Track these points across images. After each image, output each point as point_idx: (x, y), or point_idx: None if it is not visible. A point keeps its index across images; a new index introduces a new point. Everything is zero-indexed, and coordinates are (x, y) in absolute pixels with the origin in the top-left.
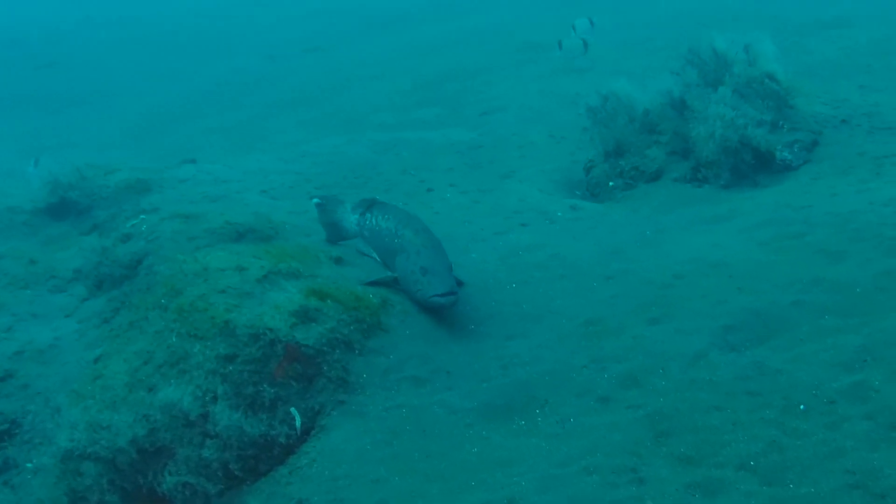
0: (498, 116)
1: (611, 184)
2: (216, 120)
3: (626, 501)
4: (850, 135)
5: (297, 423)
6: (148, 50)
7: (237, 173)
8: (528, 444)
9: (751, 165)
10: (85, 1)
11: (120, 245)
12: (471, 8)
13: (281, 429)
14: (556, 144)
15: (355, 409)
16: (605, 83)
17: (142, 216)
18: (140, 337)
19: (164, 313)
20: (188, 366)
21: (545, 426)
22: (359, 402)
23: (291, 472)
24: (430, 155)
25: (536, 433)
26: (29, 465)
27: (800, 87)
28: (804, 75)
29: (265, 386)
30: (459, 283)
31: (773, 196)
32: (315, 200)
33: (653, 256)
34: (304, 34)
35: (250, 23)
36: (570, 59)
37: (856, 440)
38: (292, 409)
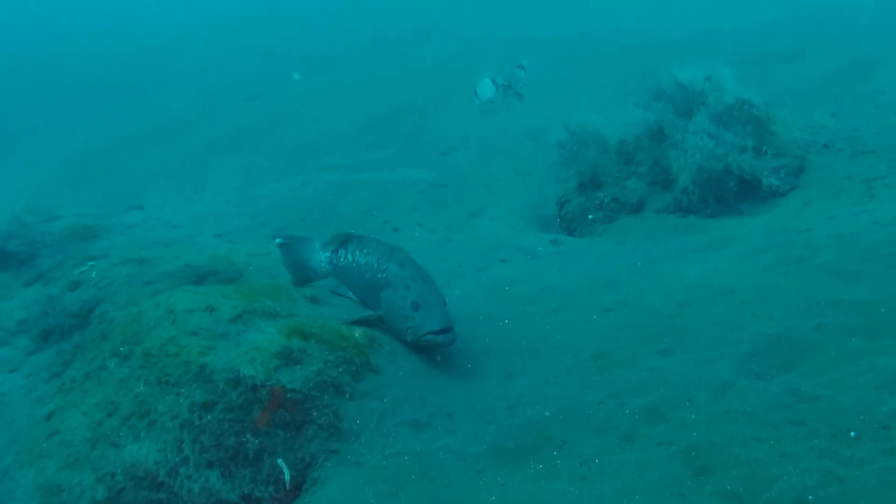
0: (458, 155)
1: (590, 217)
2: (157, 163)
3: None
4: (834, 159)
5: (286, 476)
6: (76, 91)
7: (188, 218)
8: (553, 490)
9: (736, 193)
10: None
11: (68, 293)
12: (408, 48)
13: (266, 490)
14: (523, 181)
15: (351, 459)
16: (568, 117)
17: (90, 263)
18: (99, 388)
19: (126, 360)
20: (159, 416)
21: (567, 469)
22: (354, 451)
23: None
24: (390, 195)
25: (558, 477)
26: None
27: (776, 114)
28: (772, 105)
29: (248, 436)
30: None
31: (766, 222)
32: (278, 241)
33: (650, 286)
34: (241, 76)
35: (183, 64)
36: (485, 107)
37: None
38: (280, 461)
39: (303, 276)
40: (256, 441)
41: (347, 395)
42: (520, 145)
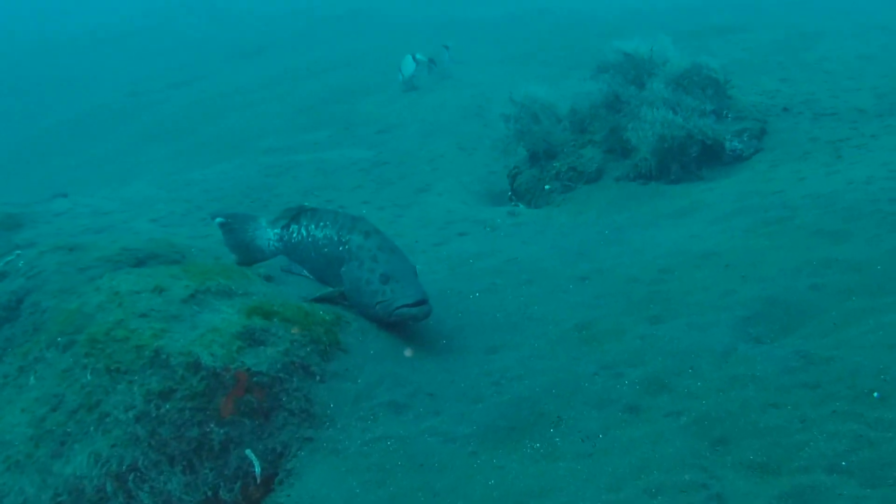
0: (397, 133)
1: (547, 187)
2: (84, 155)
3: None
4: (796, 122)
5: (256, 468)
6: None
7: (118, 204)
8: (557, 469)
9: (697, 159)
10: None
11: None
12: (337, 35)
13: (234, 485)
14: (469, 156)
15: (328, 447)
16: (514, 90)
17: (17, 252)
18: (38, 382)
19: (68, 350)
20: (111, 408)
21: (568, 446)
22: (331, 438)
23: None
24: (330, 175)
25: (560, 456)
26: None
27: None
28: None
29: (212, 426)
30: None
31: (734, 186)
32: (219, 220)
33: (625, 254)
34: (166, 68)
35: (108, 58)
36: (410, 83)
37: None
38: (248, 452)
39: (248, 256)
40: (222, 431)
41: (318, 377)
42: (461, 122)
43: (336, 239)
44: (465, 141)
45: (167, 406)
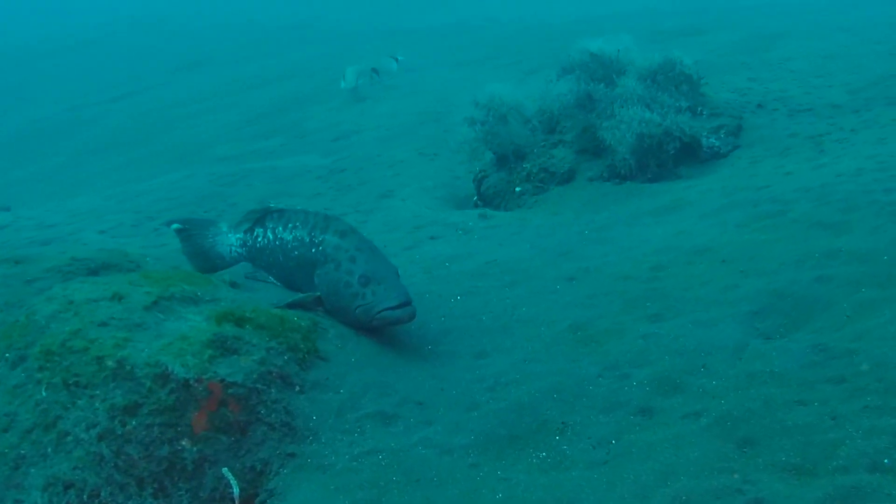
0: (353, 140)
1: (518, 189)
2: (25, 169)
3: None
4: (772, 119)
5: (235, 489)
6: None
7: (64, 216)
8: (570, 479)
9: (676, 156)
10: None
11: None
12: (284, 45)
13: None
14: (430, 162)
15: (313, 463)
16: (477, 92)
17: None
18: None
19: (19, 365)
20: (71, 427)
21: (578, 454)
22: (315, 453)
23: None
24: (287, 182)
25: (572, 464)
26: None
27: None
28: None
29: (185, 443)
30: None
31: (716, 182)
32: (175, 226)
33: (612, 252)
34: (108, 82)
35: (47, 72)
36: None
37: None
38: (225, 471)
39: (208, 264)
40: (195, 449)
41: (297, 388)
42: (419, 127)
43: (308, 240)
44: (426, 146)
45: (133, 422)
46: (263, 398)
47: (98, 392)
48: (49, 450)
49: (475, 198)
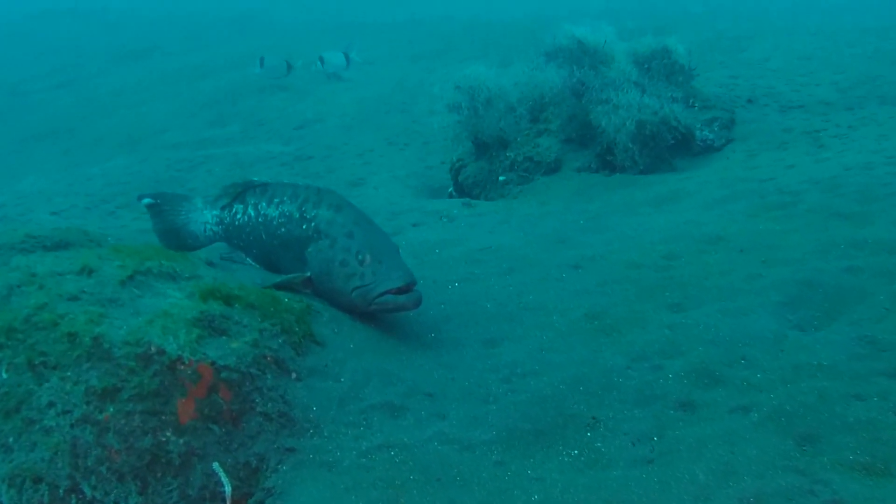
0: (315, 128)
1: (501, 178)
2: None
3: None
4: (763, 113)
5: (227, 488)
6: None
7: (10, 197)
8: (612, 479)
9: (671, 148)
10: None
11: None
12: (227, 38)
13: None
14: (400, 151)
15: (316, 459)
16: (457, 76)
17: None
18: None
19: None
20: (38, 413)
21: (616, 452)
22: (318, 448)
23: None
24: (249, 168)
25: (610, 463)
26: None
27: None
28: None
29: (169, 434)
30: None
31: (713, 174)
32: (146, 201)
33: (614, 240)
34: (51, 68)
35: None
36: (273, 77)
37: None
38: (215, 466)
39: (179, 243)
40: (181, 441)
41: (293, 374)
42: (385, 117)
43: (297, 216)
44: (394, 136)
45: (111, 409)
46: (258, 385)
47: (70, 374)
48: (11, 440)
49: (451, 188)
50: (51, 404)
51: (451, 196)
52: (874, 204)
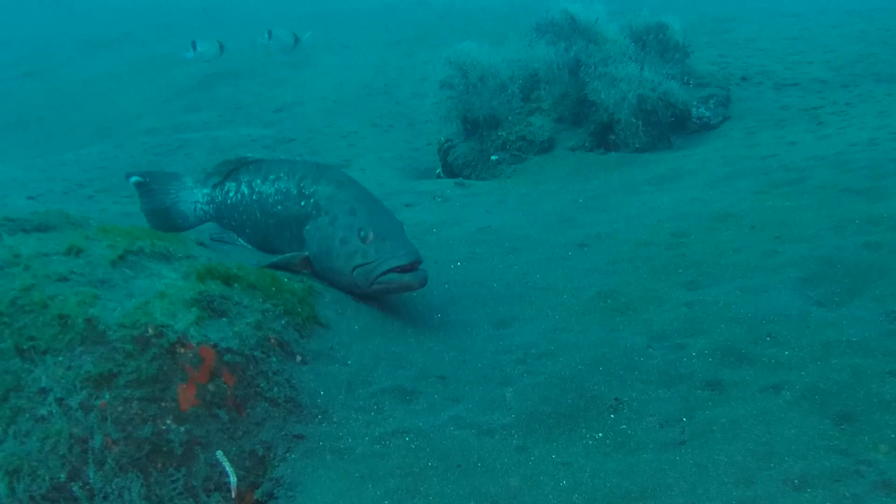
0: (296, 111)
1: (494, 158)
2: None
3: None
4: (758, 91)
5: (232, 479)
6: None
7: None
8: (644, 463)
9: (669, 125)
10: None
11: None
12: (197, 27)
13: (207, 501)
14: (385, 133)
15: (327, 446)
16: (450, 51)
17: None
18: None
19: None
20: (28, 402)
21: (643, 434)
22: (328, 435)
23: None
24: (229, 152)
25: (639, 446)
26: None
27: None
28: None
29: (170, 422)
30: None
31: (713, 152)
32: (134, 179)
33: (618, 219)
34: (17, 56)
35: None
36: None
37: None
38: (219, 455)
39: (168, 223)
40: (182, 429)
41: (298, 358)
42: (367, 99)
43: (295, 193)
44: (378, 118)
45: (108, 396)
46: (263, 368)
47: (62, 359)
48: (1, 432)
49: (438, 169)
50: (42, 391)
51: (438, 177)
52: (885, 180)
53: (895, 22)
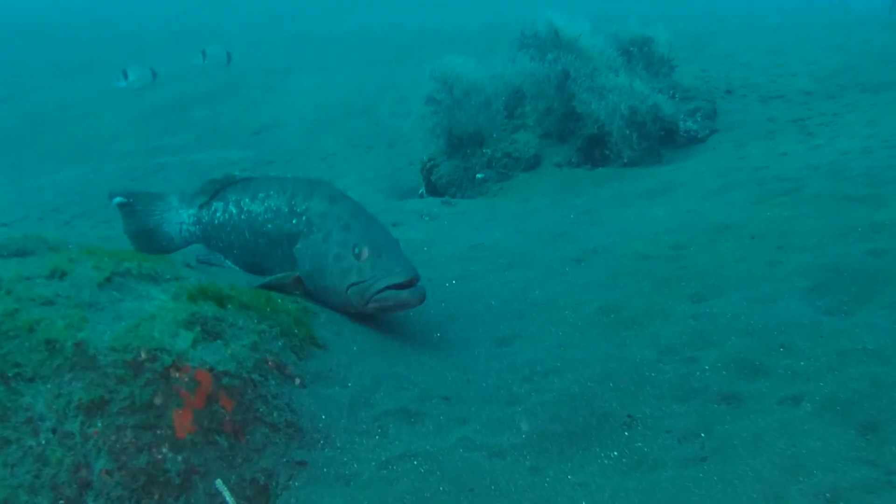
0: (275, 132)
1: (479, 176)
2: None
3: None
4: (744, 104)
5: None
6: None
7: None
8: (665, 481)
9: (658, 139)
10: None
11: None
12: (167, 52)
13: None
14: (365, 154)
15: (331, 473)
16: (434, 66)
17: None
18: None
19: None
20: (14, 432)
21: (661, 451)
22: (331, 461)
23: None
24: (207, 175)
25: (658, 463)
26: None
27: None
28: None
29: (166, 450)
30: None
31: (703, 165)
32: (117, 200)
33: (614, 233)
34: None
35: None
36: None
37: None
38: (218, 484)
39: (153, 245)
40: (179, 458)
41: (297, 381)
42: (347, 120)
43: (286, 210)
44: (358, 139)
45: (99, 424)
46: (261, 392)
47: (50, 386)
48: None
49: (421, 189)
50: (29, 421)
51: (422, 196)
52: (884, 187)
53: (873, 35)
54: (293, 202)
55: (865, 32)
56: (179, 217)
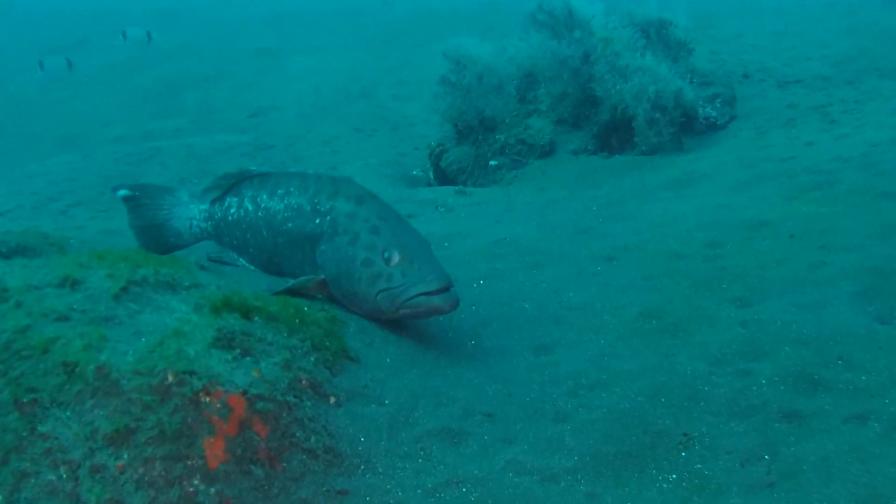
0: (273, 116)
1: (493, 163)
2: None
3: None
4: (762, 89)
5: None
6: None
7: None
8: None
9: (682, 125)
10: None
11: None
12: (156, 31)
13: None
14: (368, 138)
15: (375, 502)
16: (447, 47)
17: None
18: None
19: None
20: (32, 465)
21: (723, 474)
22: (374, 488)
23: None
24: (207, 160)
25: (721, 488)
26: None
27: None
28: None
29: (197, 482)
30: None
31: (726, 154)
32: (122, 192)
33: (643, 230)
34: None
35: None
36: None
37: None
38: None
39: (160, 242)
40: (213, 490)
41: (332, 400)
42: (347, 103)
43: (309, 209)
44: (359, 123)
45: (126, 456)
46: (297, 415)
47: (70, 413)
48: (0, 499)
49: (431, 176)
50: (48, 452)
51: (429, 183)
52: None
53: (879, 16)
54: (316, 200)
55: (870, 13)
56: (189, 212)
